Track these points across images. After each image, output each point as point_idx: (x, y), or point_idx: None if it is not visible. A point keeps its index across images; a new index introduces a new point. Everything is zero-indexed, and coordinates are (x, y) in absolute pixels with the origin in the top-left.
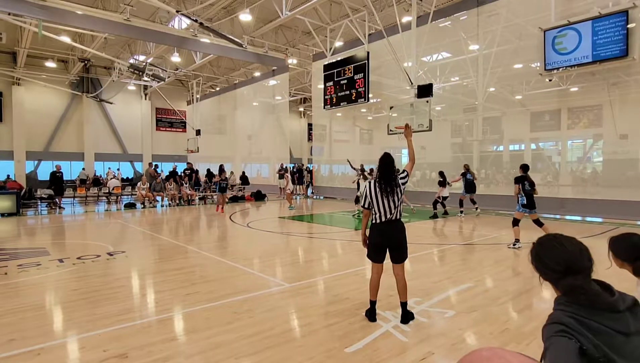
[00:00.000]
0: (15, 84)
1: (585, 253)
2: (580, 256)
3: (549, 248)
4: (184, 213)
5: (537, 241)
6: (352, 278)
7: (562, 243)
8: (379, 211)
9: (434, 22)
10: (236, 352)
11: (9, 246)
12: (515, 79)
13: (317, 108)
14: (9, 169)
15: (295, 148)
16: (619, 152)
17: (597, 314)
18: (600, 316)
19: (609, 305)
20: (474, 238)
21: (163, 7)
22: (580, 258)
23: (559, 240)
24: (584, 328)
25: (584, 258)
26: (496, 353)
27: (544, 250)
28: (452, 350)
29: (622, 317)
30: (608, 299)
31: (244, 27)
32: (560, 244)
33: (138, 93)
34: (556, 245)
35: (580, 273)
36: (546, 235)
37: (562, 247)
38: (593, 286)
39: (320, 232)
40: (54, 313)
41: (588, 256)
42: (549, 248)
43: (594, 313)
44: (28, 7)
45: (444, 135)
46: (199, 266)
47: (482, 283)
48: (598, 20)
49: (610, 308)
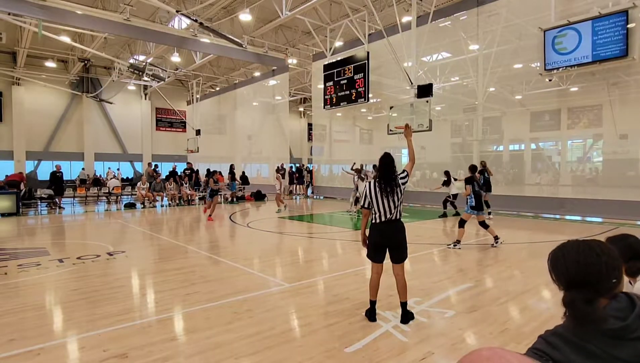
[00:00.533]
0: (15, 84)
1: (594, 267)
2: (587, 268)
3: (554, 257)
4: (184, 213)
5: (555, 248)
6: (352, 278)
7: (567, 252)
8: (379, 211)
9: (434, 22)
10: (236, 352)
11: (9, 246)
12: (515, 79)
13: (317, 108)
14: (9, 169)
15: (295, 148)
16: (619, 152)
17: (599, 338)
18: (600, 340)
19: (611, 331)
20: (473, 238)
21: (163, 7)
22: (586, 271)
23: (567, 249)
24: (571, 349)
25: (591, 271)
26: (496, 353)
27: (553, 259)
28: (452, 350)
29: (629, 345)
30: (612, 324)
31: (244, 27)
32: (565, 254)
33: (138, 93)
34: (559, 255)
35: (583, 287)
36: (565, 242)
37: (564, 258)
38: (595, 304)
39: (320, 232)
40: (54, 313)
41: (599, 270)
42: (555, 257)
43: (595, 337)
44: (28, 7)
45: (444, 135)
46: (199, 266)
47: (482, 283)
48: (598, 20)
49: (614, 335)
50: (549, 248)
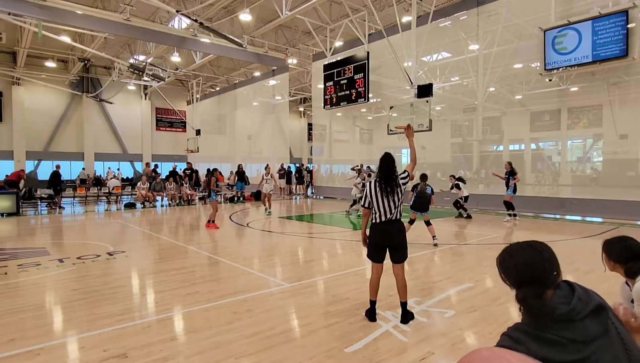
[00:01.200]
0: (15, 84)
1: (538, 264)
2: (533, 266)
3: (503, 260)
4: (184, 213)
5: (501, 253)
6: (352, 278)
7: (513, 254)
8: (379, 211)
9: (434, 22)
10: (236, 351)
11: (9, 246)
12: (515, 79)
13: (317, 108)
14: (8, 169)
15: (295, 148)
16: (619, 152)
17: (552, 325)
18: (554, 327)
19: (561, 316)
20: (473, 238)
21: (163, 7)
22: (532, 268)
23: (512, 251)
24: (532, 340)
25: (537, 268)
26: (496, 353)
27: (502, 262)
28: (452, 350)
29: (578, 326)
30: (560, 310)
31: (244, 27)
32: (512, 256)
33: (138, 93)
34: (507, 257)
35: (532, 284)
36: (509, 245)
37: (512, 259)
38: (544, 297)
39: (320, 232)
40: (54, 313)
41: (543, 266)
42: (503, 259)
43: (549, 325)
44: (28, 7)
45: (444, 135)
46: (199, 266)
47: (482, 283)
48: (598, 20)
49: (564, 318)
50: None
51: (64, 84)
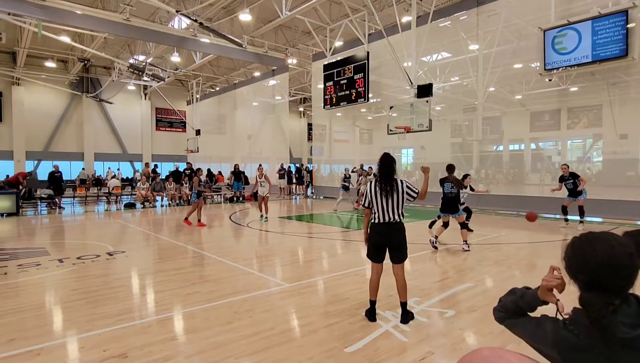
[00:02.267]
0: (15, 84)
1: (627, 271)
2: (618, 271)
3: (583, 252)
4: (184, 213)
5: (580, 239)
6: (351, 278)
7: (598, 249)
8: (379, 211)
9: (433, 22)
10: (236, 351)
11: (9, 246)
12: (515, 79)
13: (317, 108)
14: (8, 170)
15: (295, 148)
16: (618, 152)
17: (605, 344)
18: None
19: (619, 340)
20: (473, 238)
21: (163, 7)
22: (617, 274)
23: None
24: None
25: (623, 276)
26: (496, 353)
27: (579, 252)
28: (452, 350)
29: (631, 353)
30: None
31: (243, 27)
32: (596, 251)
33: (138, 93)
34: (590, 251)
35: (607, 291)
36: (593, 233)
37: (594, 253)
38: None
39: (319, 232)
40: (54, 313)
41: (632, 275)
42: (583, 251)
43: (601, 342)
44: (28, 7)
45: (444, 135)
46: (198, 266)
47: (482, 283)
48: (598, 20)
49: (620, 343)
50: (549, 248)
51: (64, 84)
